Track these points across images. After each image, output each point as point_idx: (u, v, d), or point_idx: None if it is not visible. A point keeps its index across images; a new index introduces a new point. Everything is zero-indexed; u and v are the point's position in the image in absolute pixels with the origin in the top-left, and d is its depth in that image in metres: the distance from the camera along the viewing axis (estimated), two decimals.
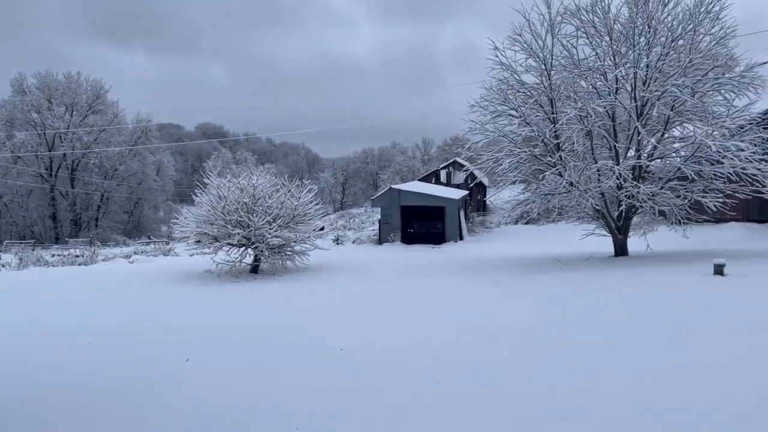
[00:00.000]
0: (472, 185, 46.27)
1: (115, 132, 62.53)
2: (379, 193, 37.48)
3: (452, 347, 7.92)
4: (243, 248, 20.48)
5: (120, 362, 8.30)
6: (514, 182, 19.34)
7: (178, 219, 21.58)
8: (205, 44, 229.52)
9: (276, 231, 19.58)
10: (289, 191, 21.07)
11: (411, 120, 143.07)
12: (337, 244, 34.64)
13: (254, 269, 20.74)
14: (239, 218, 19.48)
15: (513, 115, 17.49)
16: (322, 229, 32.10)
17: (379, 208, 36.08)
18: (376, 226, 38.48)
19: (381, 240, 34.80)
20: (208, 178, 21.34)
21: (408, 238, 34.83)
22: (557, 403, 5.51)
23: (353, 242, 35.79)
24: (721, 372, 6.00)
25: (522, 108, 17.24)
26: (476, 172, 30.28)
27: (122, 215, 64.32)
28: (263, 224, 19.43)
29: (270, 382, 6.87)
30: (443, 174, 55.60)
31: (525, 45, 17.18)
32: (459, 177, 53.51)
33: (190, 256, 23.48)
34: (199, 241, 20.31)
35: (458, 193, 38.13)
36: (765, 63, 26.04)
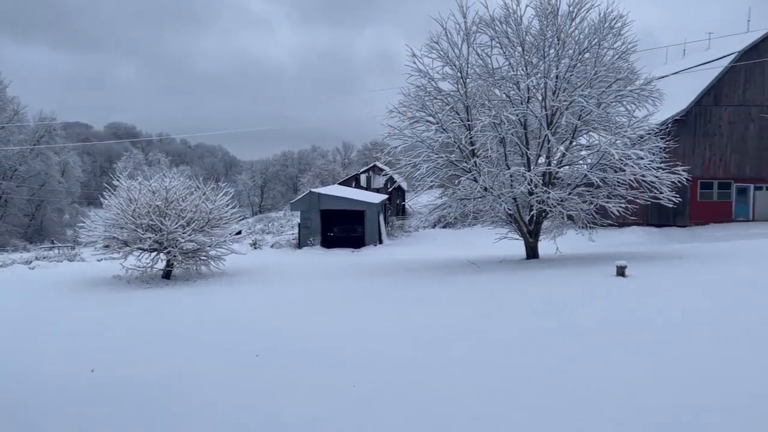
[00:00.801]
0: (391, 189, 46.73)
1: (15, 130, 58.65)
2: (298, 197, 37.16)
3: (370, 350, 7.94)
4: (155, 253, 19.72)
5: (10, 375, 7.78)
6: (431, 187, 19.71)
7: (85, 222, 20.50)
8: (116, 41, 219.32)
9: (190, 235, 19.00)
10: (204, 194, 20.50)
11: (331, 124, 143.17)
12: (255, 248, 34.02)
13: (167, 275, 20.02)
14: (151, 222, 18.74)
15: (430, 121, 17.83)
16: (240, 233, 31.46)
17: (299, 212, 35.76)
18: (296, 230, 38.09)
19: (300, 244, 34.50)
20: (117, 180, 20.42)
21: (328, 242, 34.70)
22: (468, 403, 5.63)
23: (272, 246, 35.26)
24: (621, 365, 6.33)
25: (439, 114, 17.60)
26: (395, 177, 30.67)
27: (23, 218, 60.36)
28: (176, 228, 18.80)
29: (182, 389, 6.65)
30: (363, 178, 55.83)
31: (442, 53, 17.56)
32: (379, 181, 53.91)
33: (98, 261, 22.38)
34: (107, 246, 19.38)
35: (378, 197, 38.38)
36: (663, 77, 27.84)
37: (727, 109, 34.47)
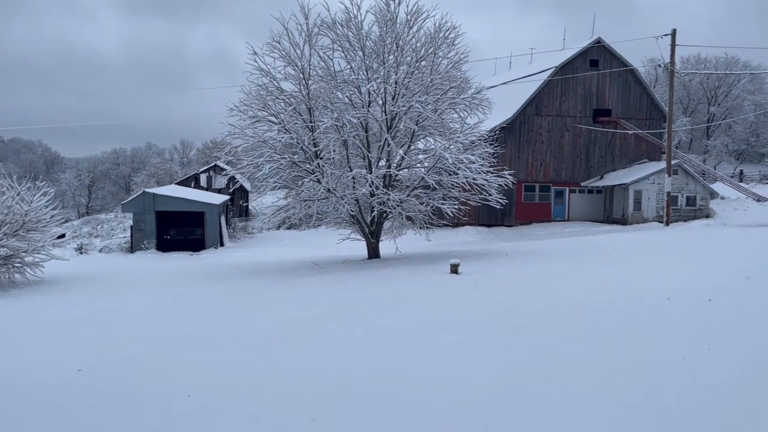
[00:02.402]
0: (233, 190, 45.43)
1: None
2: (131, 198, 34.79)
3: (207, 359, 7.62)
4: None
5: None
6: (275, 188, 19.44)
7: None
8: None
9: (1, 240, 16.99)
10: (19, 194, 18.44)
11: (168, 121, 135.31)
12: (81, 253, 31.30)
13: None
14: None
15: (273, 122, 17.59)
16: (63, 236, 28.73)
17: (132, 214, 33.50)
18: (128, 233, 35.64)
19: (133, 248, 32.33)
20: None
21: (164, 246, 32.90)
22: (307, 404, 5.61)
23: (100, 251, 32.67)
24: (459, 356, 6.69)
25: (282, 115, 17.42)
26: (238, 177, 29.84)
27: None
28: None
29: None
30: (203, 178, 53.66)
31: (284, 53, 17.40)
32: (220, 181, 52.14)
33: None
34: None
35: (219, 198, 37.13)
36: (492, 87, 29.92)
37: (546, 118, 37.93)
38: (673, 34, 30.14)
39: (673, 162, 32.71)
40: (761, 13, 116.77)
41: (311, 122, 17.36)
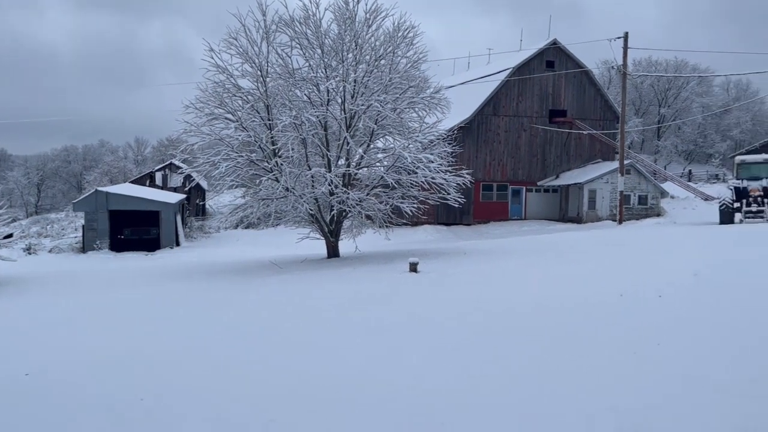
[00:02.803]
0: (189, 188, 44.63)
1: None
2: (83, 196, 33.84)
3: (160, 364, 7.46)
4: None
5: None
6: (232, 186, 19.18)
7: None
8: None
9: None
10: None
11: (122, 118, 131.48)
12: (30, 253, 30.28)
13: None
14: None
15: (229, 119, 17.34)
16: (10, 236, 27.75)
17: (84, 213, 32.57)
18: (80, 233, 34.64)
19: (85, 248, 31.46)
20: None
21: (118, 246, 32.11)
22: (264, 406, 5.55)
23: (50, 251, 31.68)
24: (417, 355, 6.71)
25: (239, 112, 17.21)
26: (194, 175, 29.32)
27: None
28: None
29: None
30: (159, 176, 52.58)
31: (241, 50, 17.17)
32: (176, 180, 51.14)
33: None
34: None
35: (175, 197, 36.47)
36: (450, 87, 30.15)
37: (504, 118, 38.45)
38: (626, 37, 30.94)
39: (625, 162, 33.59)
40: (708, 19, 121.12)
41: (269, 120, 17.18)
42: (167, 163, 54.69)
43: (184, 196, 40.25)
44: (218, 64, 17.09)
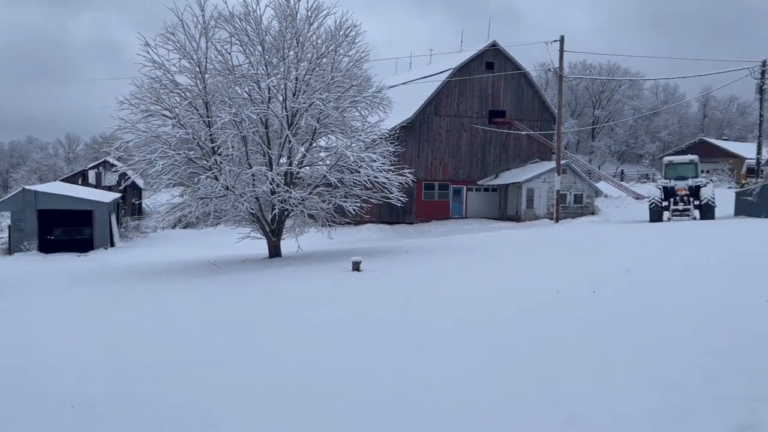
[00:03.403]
0: (124, 187, 43.24)
1: None
2: (8, 195, 32.23)
3: (96, 368, 7.19)
4: None
5: None
6: (169, 185, 18.70)
7: None
8: None
9: None
10: None
11: (51, 113, 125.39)
12: None
13: None
14: None
15: (167, 116, 16.88)
16: None
17: (10, 213, 31.00)
18: (6, 234, 32.96)
19: (11, 249, 29.94)
20: None
21: (48, 247, 30.68)
22: (203, 408, 5.44)
23: None
24: (358, 354, 6.71)
25: (176, 109, 16.79)
26: (130, 174, 28.43)
27: None
28: None
29: None
30: (92, 175, 50.60)
31: (178, 45, 16.74)
32: (111, 178, 49.32)
33: None
34: None
35: (109, 196, 35.20)
36: (392, 87, 30.30)
37: (445, 118, 38.94)
38: (562, 40, 31.89)
39: (562, 162, 34.62)
40: (636, 25, 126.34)
41: (208, 117, 16.83)
42: (101, 160, 52.72)
43: (120, 194, 38.91)
44: (154, 60, 16.62)
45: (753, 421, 4.42)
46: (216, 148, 16.91)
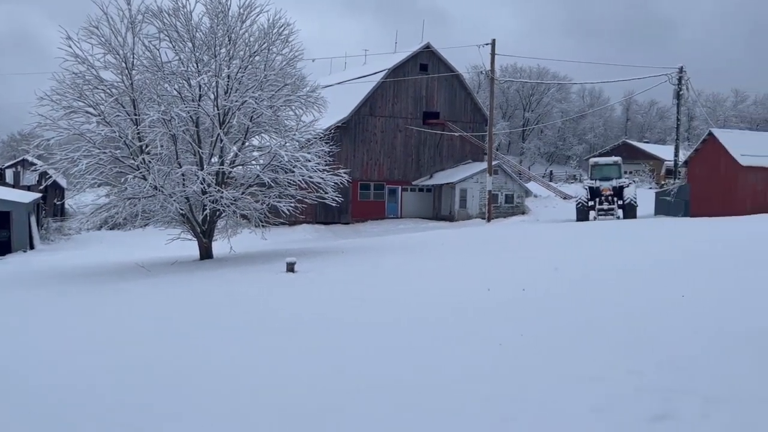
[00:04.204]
0: (45, 187, 41.18)
1: None
2: None
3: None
4: None
5: None
6: (94, 185, 17.97)
7: None
8: None
9: None
10: None
11: None
12: None
13: None
14: None
15: (91, 113, 16.18)
16: None
17: None
18: None
19: None
20: None
21: None
22: (125, 418, 5.24)
23: None
24: (288, 357, 6.63)
25: (101, 106, 16.13)
26: (51, 173, 27.13)
27: None
28: None
29: None
30: (9, 174, 48.01)
31: (103, 39, 16.08)
32: (30, 178, 46.91)
33: None
34: None
35: (29, 196, 33.50)
36: (327, 86, 30.18)
37: (380, 119, 39.14)
38: (493, 43, 32.63)
39: (494, 163, 35.45)
40: (565, 30, 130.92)
41: (136, 115, 16.25)
42: (19, 159, 50.10)
43: (40, 194, 37.06)
44: (77, 54, 15.89)
45: (668, 411, 4.67)
46: (144, 147, 16.35)
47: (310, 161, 17.33)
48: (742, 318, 7.09)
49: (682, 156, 35.15)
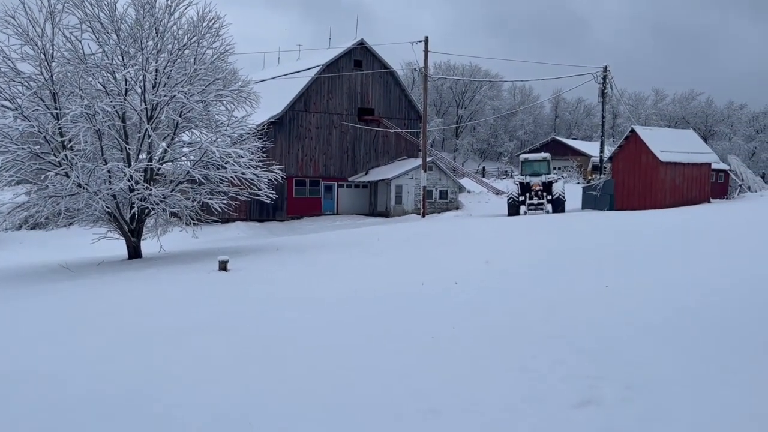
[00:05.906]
0: None
1: None
2: None
3: None
4: None
5: None
6: (12, 183, 17.06)
7: None
8: None
9: None
10: None
11: None
12: None
13: None
14: None
15: (7, 107, 15.35)
16: None
17: None
18: None
19: None
20: None
21: None
22: (54, 428, 5.03)
23: None
24: (218, 358, 6.51)
25: (18, 99, 15.34)
26: None
27: None
28: None
29: None
30: None
31: (20, 29, 15.27)
32: None
33: None
34: None
35: None
36: (260, 81, 29.72)
37: (315, 115, 38.88)
38: (426, 41, 32.99)
39: (428, 159, 35.88)
40: (491, 29, 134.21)
41: (57, 109, 15.52)
42: None
43: None
44: None
45: (593, 396, 4.89)
46: (66, 143, 15.63)
47: (242, 157, 17.02)
48: (659, 308, 7.48)
49: (608, 152, 36.59)
